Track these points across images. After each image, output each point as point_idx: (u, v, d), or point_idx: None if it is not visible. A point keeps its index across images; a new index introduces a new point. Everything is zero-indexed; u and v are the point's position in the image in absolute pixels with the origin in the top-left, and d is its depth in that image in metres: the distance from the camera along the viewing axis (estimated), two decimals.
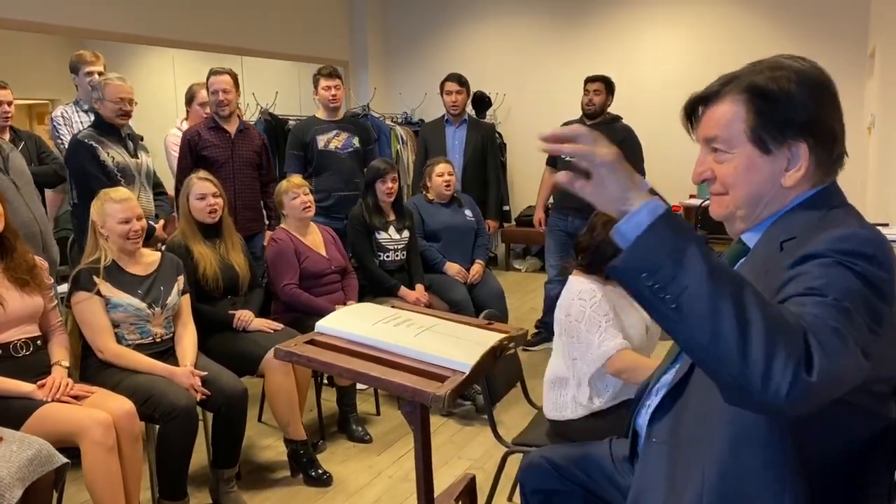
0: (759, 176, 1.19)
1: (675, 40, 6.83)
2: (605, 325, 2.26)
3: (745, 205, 1.23)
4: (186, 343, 2.82)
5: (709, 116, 1.26)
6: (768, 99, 1.17)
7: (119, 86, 3.49)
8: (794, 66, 1.18)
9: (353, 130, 4.54)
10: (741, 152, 1.20)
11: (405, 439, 3.47)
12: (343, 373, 1.45)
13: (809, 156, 1.17)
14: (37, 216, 2.96)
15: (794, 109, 1.16)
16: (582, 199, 1.26)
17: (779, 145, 1.18)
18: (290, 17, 6.80)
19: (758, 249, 1.24)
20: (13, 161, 2.97)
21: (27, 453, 2.09)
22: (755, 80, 1.19)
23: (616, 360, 2.23)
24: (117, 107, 3.49)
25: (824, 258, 1.05)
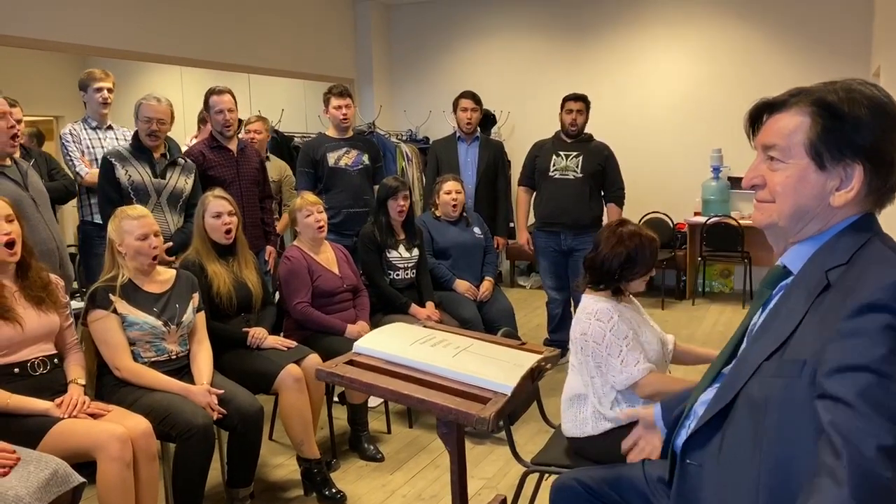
0: (809, 190, 1.20)
1: (679, 59, 6.89)
2: (626, 350, 2.27)
3: (789, 216, 1.23)
4: (202, 361, 2.81)
5: (771, 124, 1.26)
6: (835, 116, 1.17)
7: (150, 106, 3.54)
8: (866, 91, 1.19)
9: (363, 148, 4.56)
10: (796, 163, 1.21)
11: (417, 458, 3.45)
12: (385, 394, 1.44)
13: (863, 179, 1.17)
14: (54, 234, 2.96)
15: (858, 131, 1.16)
16: (570, 215, 1.28)
17: (835, 163, 1.18)
18: (296, 36, 6.85)
19: (803, 276, 1.24)
20: (31, 178, 2.97)
21: (44, 473, 2.08)
22: (826, 96, 1.20)
23: (645, 385, 2.26)
24: (146, 126, 3.53)
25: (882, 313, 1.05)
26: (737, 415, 1.24)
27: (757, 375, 1.20)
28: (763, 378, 1.19)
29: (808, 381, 1.10)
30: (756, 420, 1.18)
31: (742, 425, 1.22)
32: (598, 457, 2.32)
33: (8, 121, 2.84)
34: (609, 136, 4.80)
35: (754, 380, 1.20)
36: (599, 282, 2.43)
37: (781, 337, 1.18)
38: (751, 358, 1.24)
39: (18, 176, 2.91)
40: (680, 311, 6.38)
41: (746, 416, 1.21)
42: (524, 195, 4.84)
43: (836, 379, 1.05)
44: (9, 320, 2.40)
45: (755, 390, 1.19)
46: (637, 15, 6.99)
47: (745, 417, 1.21)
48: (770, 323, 1.26)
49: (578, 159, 4.54)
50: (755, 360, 1.21)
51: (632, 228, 2.45)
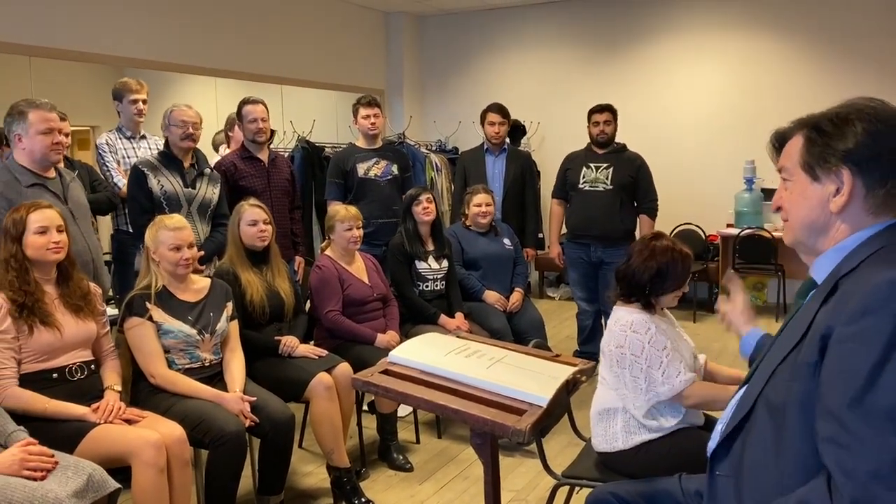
0: (810, 202, 1.27)
1: (711, 69, 6.84)
2: (667, 361, 2.25)
3: (800, 230, 1.30)
4: (235, 369, 2.84)
5: (784, 150, 1.35)
6: (820, 130, 1.25)
7: (183, 111, 3.58)
8: (860, 103, 1.25)
9: (392, 158, 4.58)
10: (797, 180, 1.29)
11: (446, 469, 3.45)
12: (421, 404, 1.44)
13: (853, 181, 1.21)
14: (90, 245, 3.00)
15: (841, 139, 1.22)
16: (600, 227, 1.30)
17: (825, 172, 1.24)
18: (328, 47, 6.93)
19: (823, 284, 1.27)
20: (72, 191, 3.03)
21: (81, 478, 2.11)
22: (820, 117, 1.28)
23: (690, 395, 2.24)
24: (181, 130, 3.55)
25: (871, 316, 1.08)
26: (757, 421, 1.26)
27: (773, 380, 1.24)
28: (778, 382, 1.22)
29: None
30: (776, 423, 1.20)
31: (762, 430, 1.24)
32: (629, 471, 2.30)
33: (55, 136, 2.90)
34: (640, 147, 4.77)
35: (770, 384, 1.24)
36: (630, 294, 2.41)
37: (794, 341, 1.22)
38: (767, 364, 1.28)
39: (60, 189, 2.96)
40: (711, 324, 6.30)
41: (766, 420, 1.23)
42: (557, 207, 4.83)
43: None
44: (49, 326, 2.45)
45: (772, 395, 1.23)
46: (668, 25, 6.96)
47: (765, 422, 1.23)
48: (786, 330, 1.32)
49: (609, 171, 4.51)
50: (770, 365, 1.26)
51: (666, 243, 2.42)
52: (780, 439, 1.19)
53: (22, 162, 2.88)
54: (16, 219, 2.48)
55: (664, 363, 2.27)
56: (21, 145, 2.87)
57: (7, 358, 2.38)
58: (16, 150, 2.91)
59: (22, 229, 2.46)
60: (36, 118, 2.85)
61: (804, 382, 1.15)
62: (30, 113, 2.86)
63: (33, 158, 2.88)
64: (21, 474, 2.05)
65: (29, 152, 2.87)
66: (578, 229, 4.58)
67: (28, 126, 2.85)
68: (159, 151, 3.70)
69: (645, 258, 2.39)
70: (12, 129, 2.88)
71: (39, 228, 2.47)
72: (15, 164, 2.88)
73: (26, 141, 2.86)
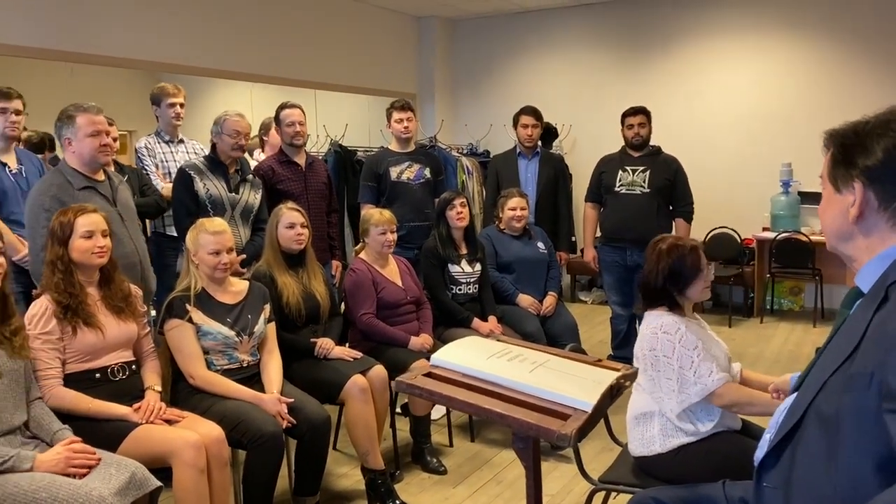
0: (834, 212, 1.31)
1: (747, 71, 6.75)
2: (698, 360, 2.25)
3: (830, 237, 1.35)
4: (272, 370, 2.87)
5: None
6: (843, 142, 1.29)
7: (237, 121, 3.64)
8: (887, 117, 1.26)
9: (425, 161, 4.60)
10: (826, 189, 1.35)
11: (479, 472, 3.44)
12: (465, 408, 1.45)
13: (865, 193, 1.25)
14: (138, 248, 3.06)
15: (859, 151, 1.25)
16: (637, 231, 1.28)
17: (844, 183, 1.28)
18: (360, 52, 6.98)
19: (871, 292, 1.26)
20: (121, 193, 3.09)
21: (124, 476, 2.15)
22: (847, 127, 1.31)
23: (722, 395, 2.24)
24: (233, 140, 3.62)
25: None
26: (806, 432, 1.24)
27: (824, 391, 1.22)
28: (830, 393, 1.20)
29: (877, 392, 1.10)
30: (829, 435, 1.18)
31: (813, 442, 1.22)
32: (666, 475, 2.29)
33: (102, 137, 2.96)
34: (674, 150, 4.73)
35: (822, 395, 1.22)
36: (654, 301, 2.43)
37: (846, 351, 1.20)
38: (818, 374, 1.26)
39: (109, 191, 3.02)
40: (747, 329, 6.21)
41: (817, 432, 1.21)
42: (591, 211, 4.80)
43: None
44: (92, 327, 2.50)
45: (824, 406, 1.21)
46: (704, 26, 6.89)
47: (816, 434, 1.21)
48: (836, 340, 1.30)
49: (646, 174, 4.47)
50: (821, 376, 1.24)
51: (670, 241, 2.47)
52: (834, 453, 1.16)
53: (73, 165, 2.94)
54: (63, 222, 2.53)
55: (695, 362, 2.27)
56: (71, 148, 2.94)
57: (52, 358, 2.43)
58: (66, 154, 2.97)
59: (69, 232, 2.51)
60: (83, 121, 2.92)
61: (859, 393, 1.13)
62: (78, 117, 2.92)
63: (83, 161, 2.94)
64: (66, 472, 2.10)
65: (78, 155, 2.93)
66: (615, 233, 4.55)
67: (76, 129, 2.91)
68: (205, 156, 3.76)
69: (655, 262, 2.44)
70: (62, 134, 2.94)
71: (86, 233, 2.53)
72: (66, 167, 2.94)
73: (75, 144, 2.92)
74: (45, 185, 2.91)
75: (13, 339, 2.27)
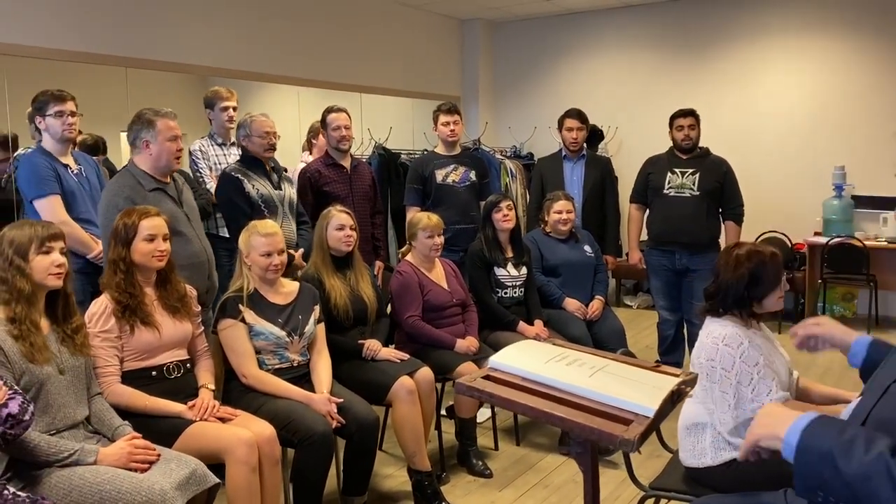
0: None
1: (798, 72, 6.61)
2: (758, 377, 2.18)
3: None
4: (322, 370, 2.90)
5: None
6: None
7: (263, 121, 3.69)
8: None
9: (470, 164, 4.61)
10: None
11: (525, 476, 3.44)
12: (525, 411, 1.45)
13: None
14: (205, 247, 3.13)
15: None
16: (686, 234, 1.20)
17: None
18: (405, 56, 7.03)
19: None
20: (185, 195, 3.17)
21: (185, 471, 2.20)
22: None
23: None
24: (264, 141, 3.68)
25: None
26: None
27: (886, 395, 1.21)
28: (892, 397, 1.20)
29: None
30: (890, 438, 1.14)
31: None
32: (719, 487, 2.24)
33: (178, 143, 3.03)
34: (723, 152, 4.65)
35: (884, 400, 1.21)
36: (726, 309, 2.35)
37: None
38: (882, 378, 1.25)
39: (175, 193, 3.10)
40: None
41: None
42: (636, 212, 4.74)
43: None
44: (149, 326, 2.57)
45: (886, 410, 1.20)
46: (755, 26, 6.76)
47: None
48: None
49: (695, 176, 4.41)
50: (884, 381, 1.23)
51: (749, 248, 2.38)
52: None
53: (143, 167, 3.02)
54: (127, 223, 2.59)
55: (755, 380, 2.20)
56: (148, 151, 3.01)
57: (111, 356, 2.50)
58: (139, 156, 3.04)
59: (132, 235, 2.58)
60: (163, 126, 2.99)
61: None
62: (158, 121, 3.00)
63: (158, 165, 3.01)
64: (128, 466, 2.16)
65: (155, 158, 3.00)
66: (664, 236, 4.48)
67: (157, 133, 2.99)
68: (242, 158, 3.80)
69: (733, 269, 2.34)
70: (140, 136, 3.01)
71: (148, 236, 2.59)
72: (137, 170, 3.02)
73: (154, 147, 2.99)
74: (117, 186, 2.99)
75: (75, 336, 2.34)
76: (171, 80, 7.83)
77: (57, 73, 4.69)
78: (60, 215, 3.18)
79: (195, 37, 5.26)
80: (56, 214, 3.16)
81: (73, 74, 6.17)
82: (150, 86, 7.68)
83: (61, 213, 3.19)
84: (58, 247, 2.27)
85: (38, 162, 3.27)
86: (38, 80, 4.01)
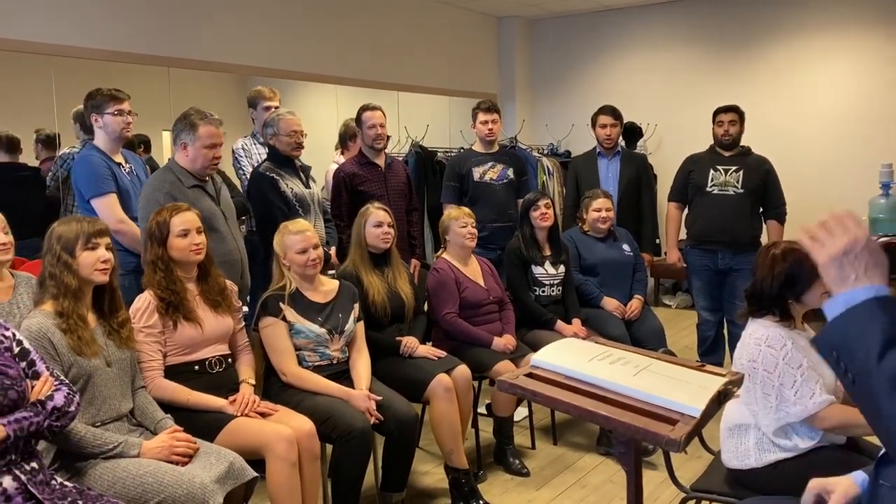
0: None
1: (844, 68, 6.44)
2: (801, 380, 2.14)
3: None
4: (361, 367, 2.92)
5: None
6: None
7: (291, 119, 3.69)
8: None
9: (508, 162, 4.59)
10: None
11: (563, 476, 3.41)
12: (569, 409, 1.44)
13: None
14: (239, 246, 3.16)
15: None
16: (730, 233, 1.13)
17: None
18: (442, 54, 7.03)
19: None
20: (223, 193, 3.20)
21: (223, 465, 2.23)
22: None
23: (826, 418, 2.12)
24: (292, 140, 3.68)
25: None
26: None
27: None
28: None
29: None
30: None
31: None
32: (763, 490, 2.20)
33: (216, 151, 3.06)
34: (766, 150, 4.55)
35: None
36: (766, 309, 2.32)
37: None
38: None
39: (214, 191, 3.14)
40: None
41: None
42: (675, 211, 4.66)
43: None
44: (191, 321, 2.60)
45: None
46: (798, 21, 6.62)
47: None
48: None
49: (739, 174, 4.32)
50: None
51: (784, 246, 2.34)
52: None
53: (183, 164, 3.06)
54: (159, 222, 2.63)
55: (798, 382, 2.15)
56: (185, 152, 3.05)
57: (154, 351, 2.54)
58: (178, 154, 3.09)
59: (166, 233, 2.61)
60: (205, 132, 3.02)
61: None
62: (201, 126, 3.03)
63: (193, 168, 3.05)
64: (169, 459, 2.20)
65: (191, 160, 3.04)
66: (706, 235, 4.40)
67: (196, 138, 3.02)
68: (271, 156, 3.78)
69: (769, 267, 2.31)
70: (180, 136, 3.05)
71: (181, 231, 2.62)
72: (176, 166, 3.06)
73: (191, 150, 3.03)
74: (158, 182, 3.03)
75: (121, 330, 2.39)
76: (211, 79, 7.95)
77: (101, 73, 4.78)
78: (118, 214, 3.22)
79: (235, 37, 5.33)
80: (114, 213, 3.20)
81: (117, 74, 6.29)
82: (192, 85, 7.80)
83: (118, 212, 3.23)
84: (104, 243, 2.32)
85: (96, 161, 3.30)
86: (84, 80, 4.10)
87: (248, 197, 3.85)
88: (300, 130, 3.73)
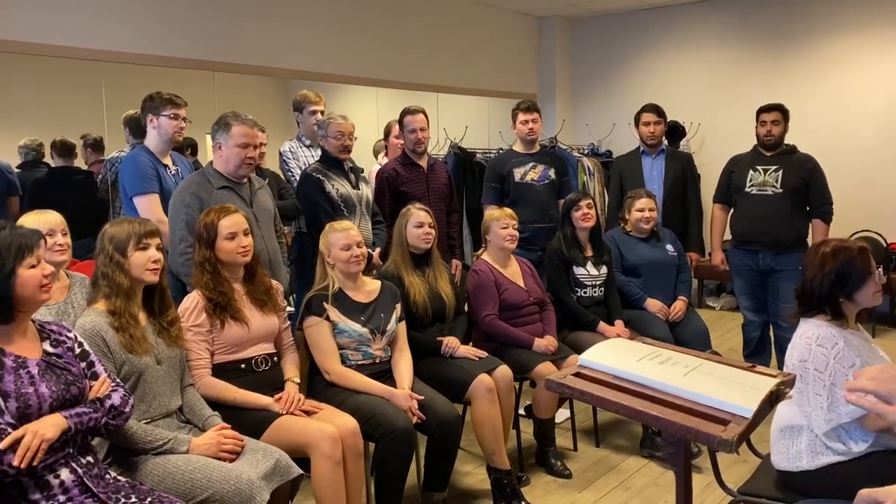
0: None
1: (891, 68, 6.26)
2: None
3: None
4: (403, 367, 2.94)
5: None
6: None
7: (340, 123, 3.74)
8: None
9: (549, 162, 4.56)
10: None
11: (605, 478, 3.38)
12: (618, 409, 1.43)
13: None
14: (269, 248, 3.18)
15: None
16: (770, 233, 1.07)
17: None
18: (481, 55, 7.04)
19: None
20: (258, 196, 3.23)
21: (269, 462, 2.27)
22: None
23: (876, 418, 2.06)
24: (339, 143, 3.73)
25: None
26: None
27: None
28: None
29: None
30: None
31: None
32: (813, 493, 2.16)
33: (249, 150, 3.10)
34: (813, 148, 4.45)
35: None
36: (816, 309, 2.28)
37: None
38: None
39: (248, 194, 3.18)
40: (893, 339, 5.78)
41: None
42: (719, 212, 4.59)
43: None
44: (238, 321, 2.65)
45: None
46: (843, 19, 6.46)
47: None
48: None
49: (778, 174, 4.23)
50: None
51: (834, 244, 2.30)
52: None
53: (217, 167, 3.12)
54: (207, 223, 2.69)
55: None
56: (220, 153, 3.11)
57: (202, 349, 2.59)
58: (214, 155, 3.15)
59: (214, 235, 2.67)
60: (238, 131, 3.07)
61: None
62: (234, 126, 3.08)
63: (227, 168, 3.10)
64: (217, 455, 2.24)
65: (225, 161, 3.10)
66: (746, 235, 4.33)
67: (229, 137, 3.07)
68: (322, 158, 3.85)
69: (819, 266, 2.27)
70: (216, 137, 3.12)
71: (229, 234, 2.67)
72: (210, 169, 3.12)
73: (224, 150, 3.09)
74: (186, 183, 3.10)
75: (170, 328, 2.44)
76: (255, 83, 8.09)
77: (149, 78, 4.90)
78: (158, 214, 3.30)
79: (278, 41, 5.41)
80: (154, 213, 3.29)
81: (163, 78, 6.43)
82: (236, 89, 7.94)
83: (158, 212, 3.31)
84: (154, 243, 2.37)
85: (142, 160, 3.41)
86: (132, 85, 4.21)
87: (297, 197, 3.92)
88: (347, 133, 3.77)
